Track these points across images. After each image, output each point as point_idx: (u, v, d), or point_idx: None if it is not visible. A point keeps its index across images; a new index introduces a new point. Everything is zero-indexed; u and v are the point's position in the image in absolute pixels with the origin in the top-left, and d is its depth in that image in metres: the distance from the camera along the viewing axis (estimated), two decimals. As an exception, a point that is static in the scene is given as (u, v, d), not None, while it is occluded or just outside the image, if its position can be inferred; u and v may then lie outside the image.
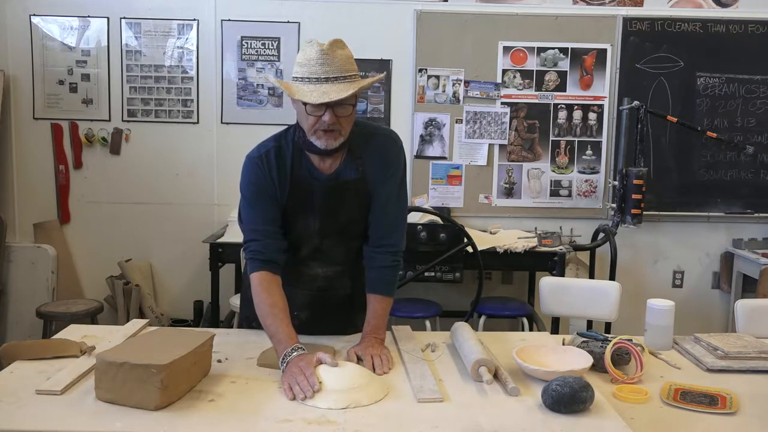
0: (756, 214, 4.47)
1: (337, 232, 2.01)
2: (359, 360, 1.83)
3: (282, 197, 1.93)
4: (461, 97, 4.36)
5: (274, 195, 1.92)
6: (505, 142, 4.39)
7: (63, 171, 4.36)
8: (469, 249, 3.67)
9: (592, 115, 4.41)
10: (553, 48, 4.34)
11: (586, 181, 4.45)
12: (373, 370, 1.78)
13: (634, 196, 4.02)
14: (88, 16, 4.29)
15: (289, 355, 1.72)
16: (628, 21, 4.32)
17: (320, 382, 1.61)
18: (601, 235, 4.21)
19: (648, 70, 4.36)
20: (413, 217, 3.84)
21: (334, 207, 1.96)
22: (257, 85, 4.35)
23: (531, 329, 3.91)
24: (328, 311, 2.11)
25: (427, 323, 3.76)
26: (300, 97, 1.77)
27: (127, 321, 2.49)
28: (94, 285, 4.41)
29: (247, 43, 4.32)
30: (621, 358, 1.87)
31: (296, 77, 1.81)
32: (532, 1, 4.35)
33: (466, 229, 3.73)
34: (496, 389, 1.67)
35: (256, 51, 4.33)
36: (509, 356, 1.81)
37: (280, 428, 1.46)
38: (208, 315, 4.17)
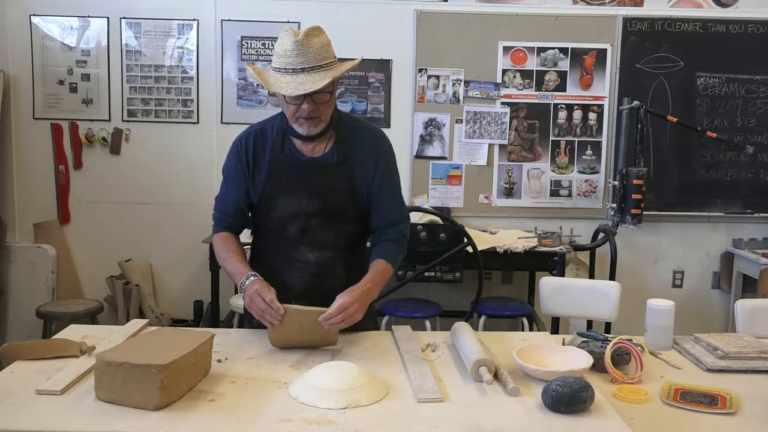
0: (756, 214, 4.47)
1: (323, 213, 2.05)
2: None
3: (258, 179, 2.06)
4: (461, 97, 4.36)
5: (243, 179, 2.08)
6: (505, 142, 4.39)
7: (63, 171, 4.36)
8: (469, 249, 3.66)
9: (592, 115, 4.41)
10: (553, 48, 4.34)
11: (586, 181, 4.45)
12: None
13: (634, 196, 4.02)
14: (88, 16, 4.29)
15: (245, 282, 1.94)
16: (628, 21, 4.32)
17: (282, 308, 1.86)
18: (601, 235, 4.21)
19: (648, 70, 4.36)
20: (413, 217, 3.82)
21: (317, 185, 2.04)
22: (257, 85, 4.34)
23: (531, 329, 3.91)
24: (323, 303, 2.11)
25: (427, 323, 3.77)
26: (277, 90, 1.88)
27: (127, 321, 2.48)
28: (94, 285, 4.41)
29: (247, 43, 4.32)
30: (621, 358, 1.87)
31: (274, 67, 1.90)
32: (532, 1, 4.35)
33: (466, 229, 3.73)
34: (496, 389, 1.67)
35: (256, 51, 4.33)
36: (509, 356, 1.81)
37: (280, 428, 1.46)
38: (208, 315, 4.17)
